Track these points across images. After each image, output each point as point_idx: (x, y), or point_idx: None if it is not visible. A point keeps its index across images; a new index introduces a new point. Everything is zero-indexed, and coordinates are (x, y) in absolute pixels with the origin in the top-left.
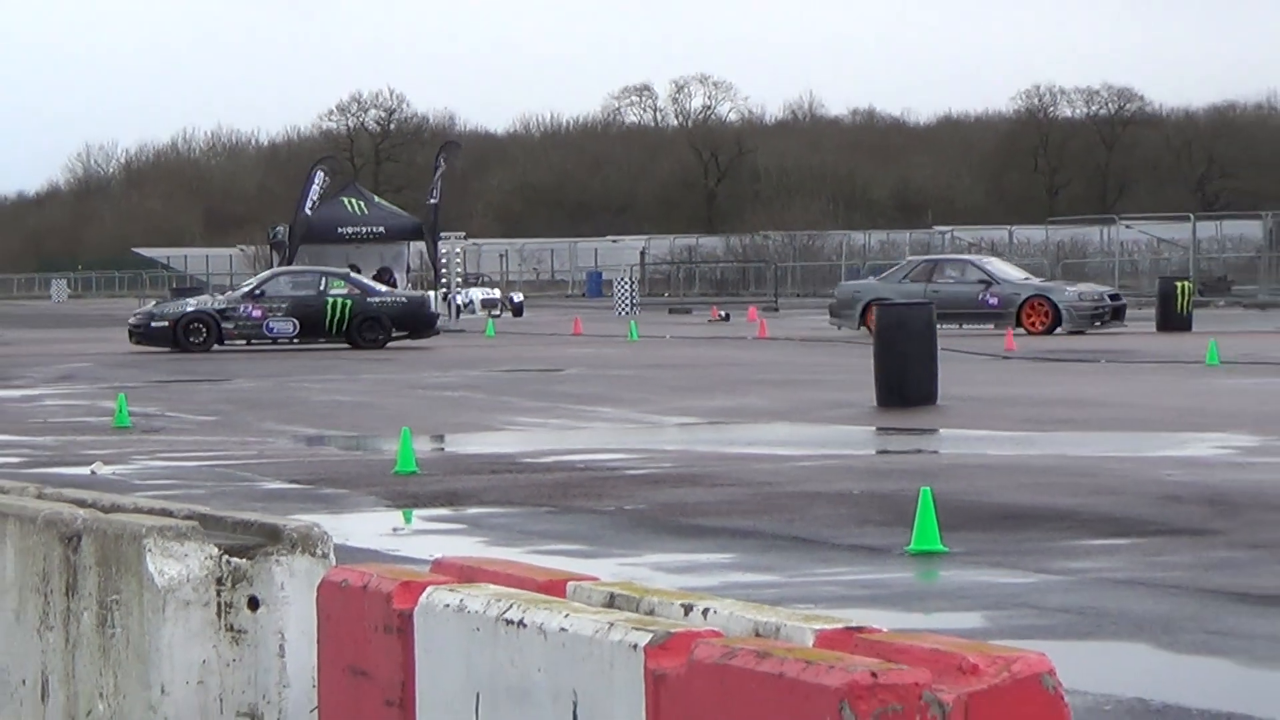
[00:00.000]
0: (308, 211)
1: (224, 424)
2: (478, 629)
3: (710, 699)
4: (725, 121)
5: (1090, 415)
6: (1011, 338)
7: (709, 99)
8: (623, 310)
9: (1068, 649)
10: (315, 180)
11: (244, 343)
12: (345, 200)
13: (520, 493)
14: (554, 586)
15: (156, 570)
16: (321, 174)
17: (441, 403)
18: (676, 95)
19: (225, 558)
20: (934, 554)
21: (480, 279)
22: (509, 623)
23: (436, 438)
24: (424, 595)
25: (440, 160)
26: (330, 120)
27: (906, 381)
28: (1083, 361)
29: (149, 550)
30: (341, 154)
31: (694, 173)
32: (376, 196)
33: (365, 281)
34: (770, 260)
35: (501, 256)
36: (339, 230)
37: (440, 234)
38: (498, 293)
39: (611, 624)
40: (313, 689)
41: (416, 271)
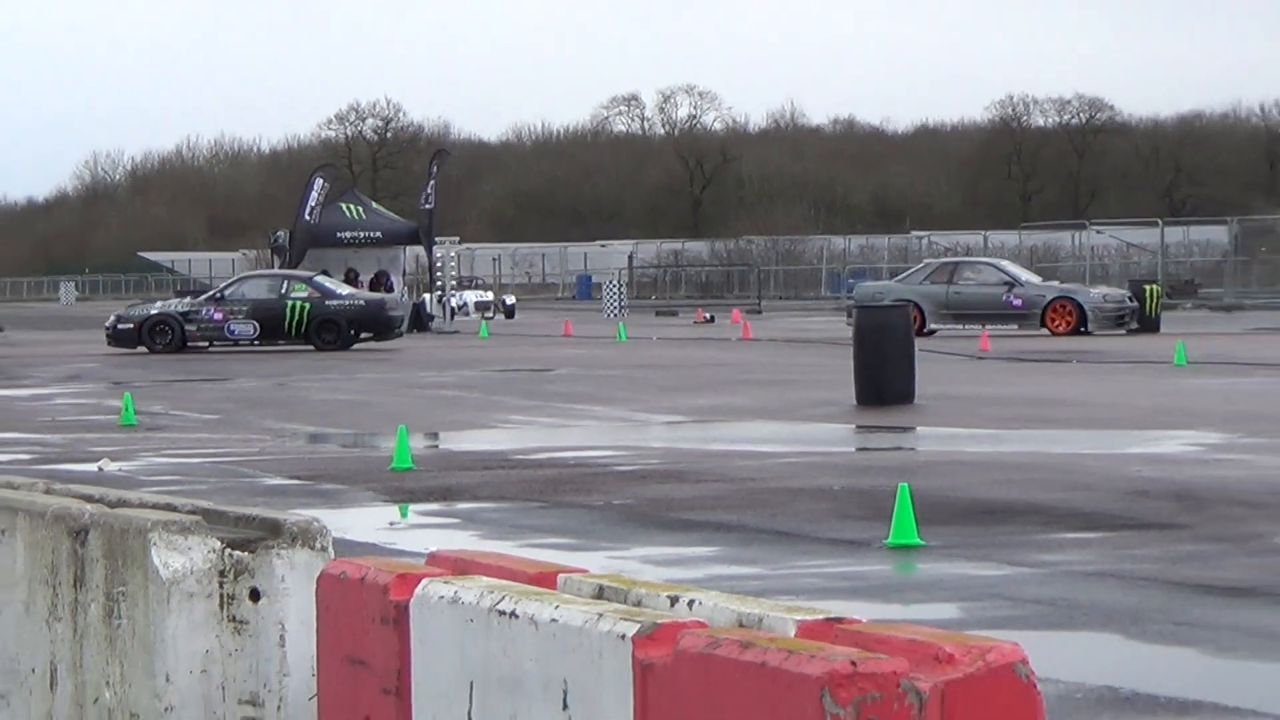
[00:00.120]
0: (307, 217)
1: (226, 422)
2: (471, 620)
3: (695, 687)
4: (710, 130)
5: (1062, 414)
6: (986, 338)
7: (694, 109)
8: (611, 312)
9: (1040, 639)
10: (315, 187)
11: (206, 344)
12: (344, 206)
13: (512, 488)
14: (545, 579)
15: (161, 563)
16: (320, 180)
17: (437, 401)
18: (663, 105)
19: (228, 551)
20: (911, 547)
21: (474, 282)
22: (501, 614)
23: (432, 435)
24: (419, 587)
25: (433, 167)
26: (329, 129)
27: (885, 381)
28: (1055, 362)
29: (154, 544)
30: (340, 161)
31: (680, 180)
32: (374, 202)
33: (326, 284)
34: (753, 264)
35: (494, 260)
36: (338, 235)
37: (435, 239)
38: (491, 295)
39: (600, 615)
40: (312, 678)
41: (413, 275)
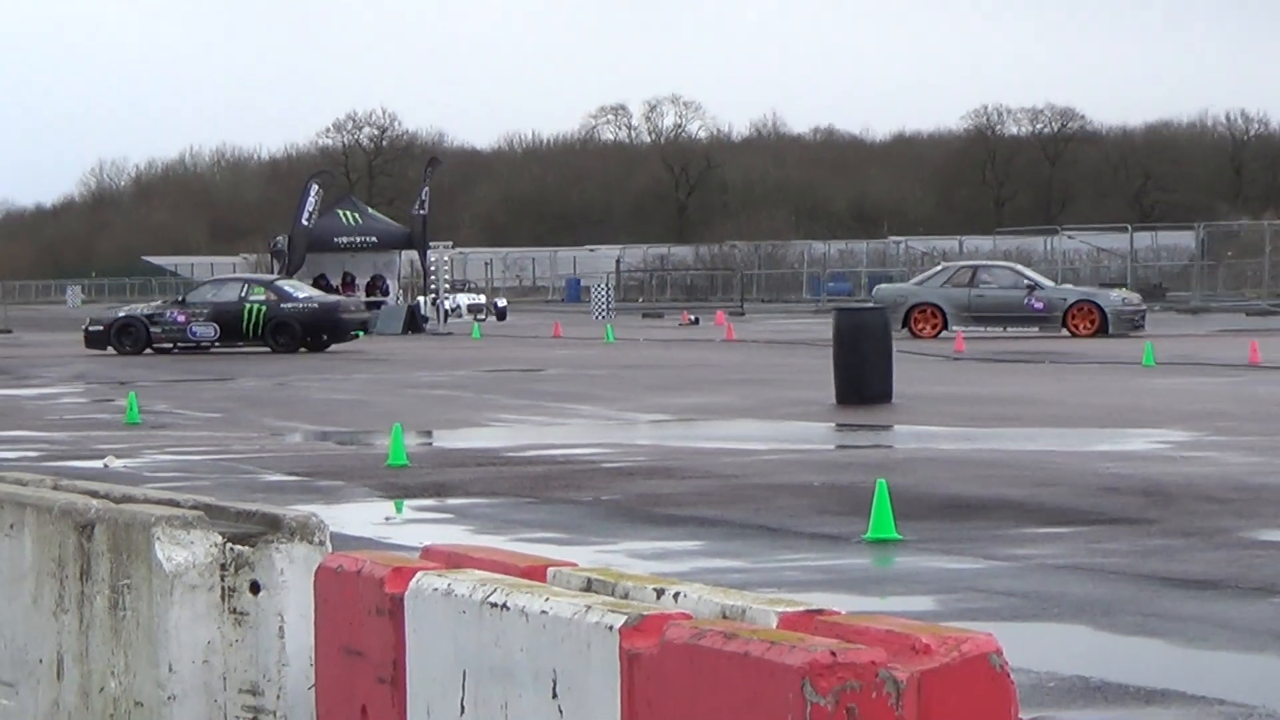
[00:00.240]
0: (304, 222)
1: (228, 420)
2: (464, 611)
3: (681, 677)
4: (695, 139)
5: (1034, 412)
6: (961, 340)
7: (680, 118)
8: (599, 315)
9: (1013, 630)
10: (311, 192)
11: (171, 346)
12: (341, 212)
13: (504, 484)
14: (535, 572)
15: (165, 557)
16: (316, 186)
17: (431, 400)
18: (649, 114)
19: (229, 545)
20: (889, 541)
21: (467, 285)
22: (493, 606)
23: (426, 433)
24: (414, 580)
25: (427, 174)
26: (327, 137)
27: (864, 381)
28: (1027, 362)
29: (158, 538)
30: (337, 169)
31: (665, 186)
32: (370, 208)
33: (284, 288)
34: (737, 268)
35: (487, 264)
36: (335, 240)
37: (429, 243)
38: (483, 298)
39: (589, 607)
40: (310, 667)
41: (408, 278)
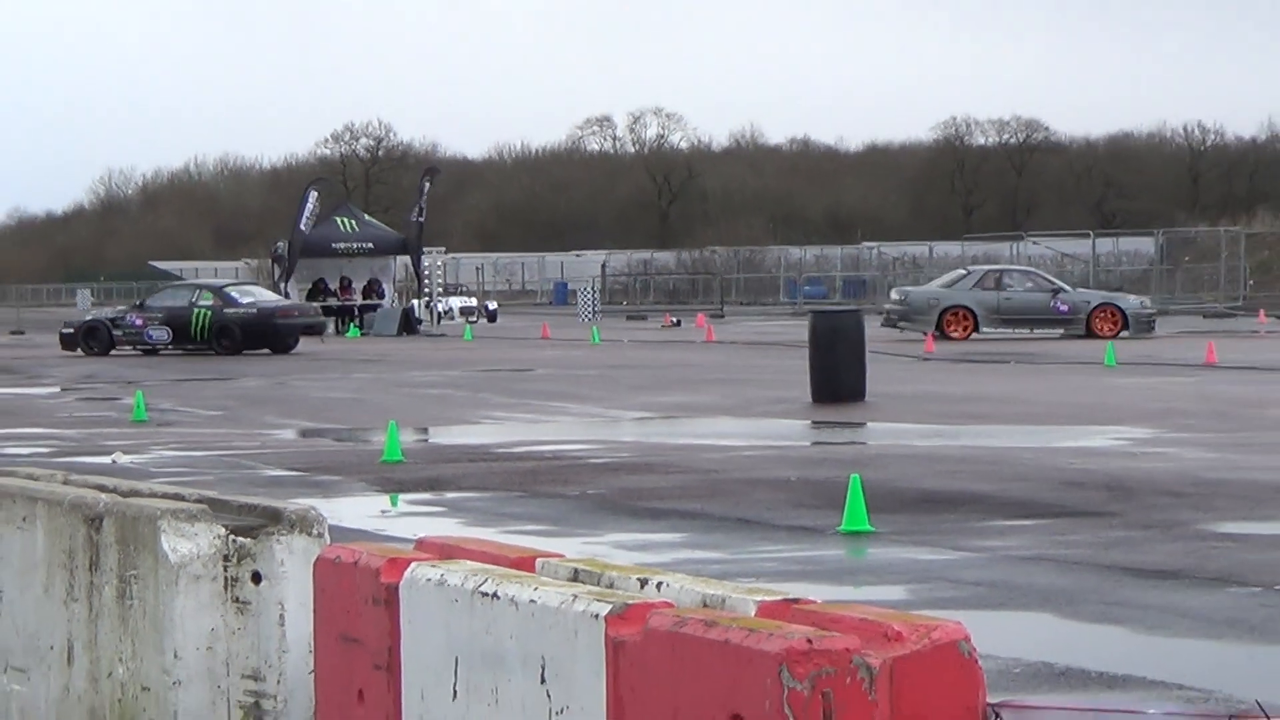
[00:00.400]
0: (302, 228)
1: (230, 418)
2: (456, 600)
3: (663, 663)
4: (677, 149)
5: (1001, 410)
6: (931, 341)
7: (662, 129)
8: (586, 317)
9: (981, 618)
10: (309, 200)
11: (131, 348)
12: (338, 219)
13: (495, 479)
14: (524, 563)
15: (170, 548)
16: (314, 194)
17: (425, 399)
18: (633, 125)
19: (231, 537)
20: (862, 534)
21: (459, 289)
22: (484, 595)
23: (420, 430)
24: (408, 570)
25: (424, 183)
26: (325, 147)
27: (838, 380)
28: (995, 363)
29: (163, 530)
30: (335, 177)
31: (649, 194)
32: (366, 215)
33: (231, 294)
34: (717, 272)
35: (478, 269)
36: (333, 245)
37: (423, 249)
38: (475, 301)
39: (575, 596)
40: (310, 654)
41: (402, 282)
